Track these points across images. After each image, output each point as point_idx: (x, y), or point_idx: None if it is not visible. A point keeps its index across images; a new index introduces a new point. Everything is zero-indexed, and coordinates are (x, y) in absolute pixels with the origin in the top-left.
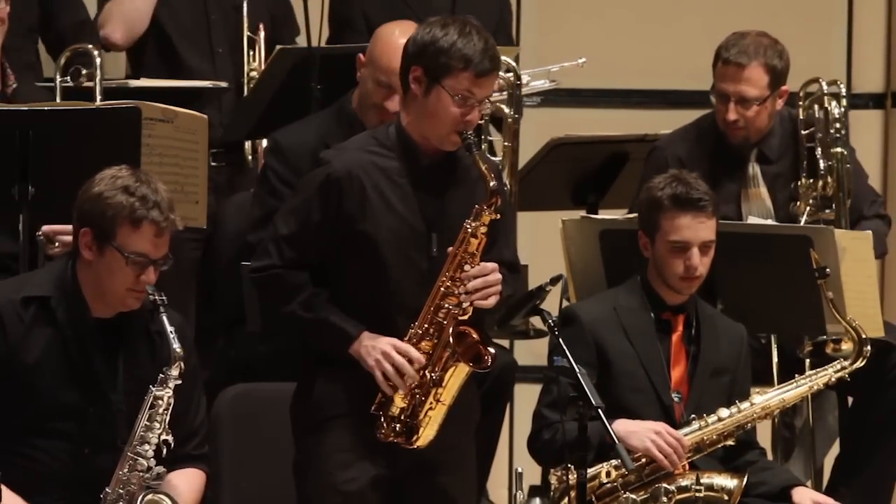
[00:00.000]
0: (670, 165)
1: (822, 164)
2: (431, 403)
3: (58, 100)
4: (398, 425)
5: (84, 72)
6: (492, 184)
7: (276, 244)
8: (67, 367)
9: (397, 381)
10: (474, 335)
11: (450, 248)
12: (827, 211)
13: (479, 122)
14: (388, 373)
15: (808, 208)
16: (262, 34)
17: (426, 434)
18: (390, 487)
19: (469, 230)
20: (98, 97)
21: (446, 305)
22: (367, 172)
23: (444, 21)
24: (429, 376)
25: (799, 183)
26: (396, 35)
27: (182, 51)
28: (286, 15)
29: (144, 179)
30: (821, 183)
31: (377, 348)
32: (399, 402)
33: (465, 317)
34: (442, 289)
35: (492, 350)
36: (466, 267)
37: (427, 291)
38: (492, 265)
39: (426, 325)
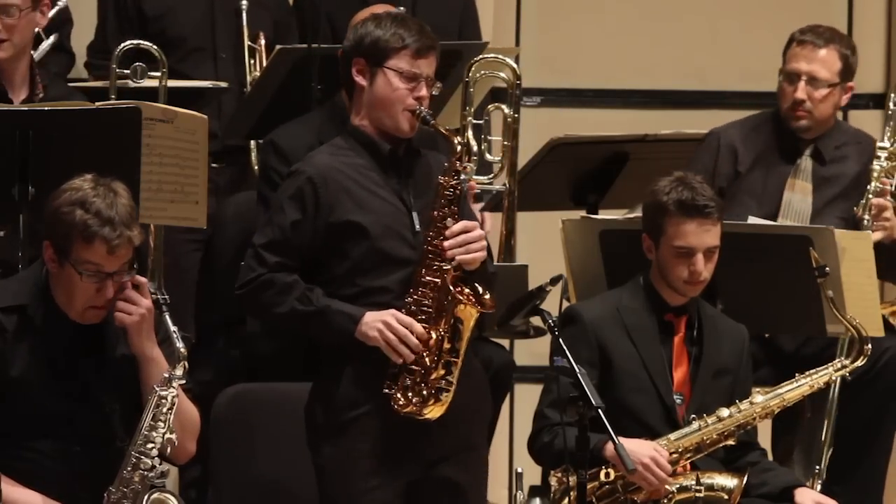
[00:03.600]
0: (722, 149)
1: None
2: (444, 360)
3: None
4: (412, 394)
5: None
6: (456, 139)
7: (256, 255)
8: (52, 373)
9: (401, 348)
10: (466, 289)
11: (430, 212)
12: None
13: (479, 121)
14: (391, 341)
15: (892, 169)
16: (262, 42)
17: (443, 399)
18: (411, 487)
19: (442, 183)
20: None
21: (436, 265)
22: (339, 171)
23: (375, 15)
24: (434, 336)
25: (887, 144)
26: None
27: (185, 54)
28: (288, 24)
29: (103, 193)
30: None
31: (378, 321)
32: (408, 371)
33: (457, 272)
34: (429, 249)
35: (482, 290)
36: (448, 222)
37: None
38: (474, 223)
39: (420, 289)
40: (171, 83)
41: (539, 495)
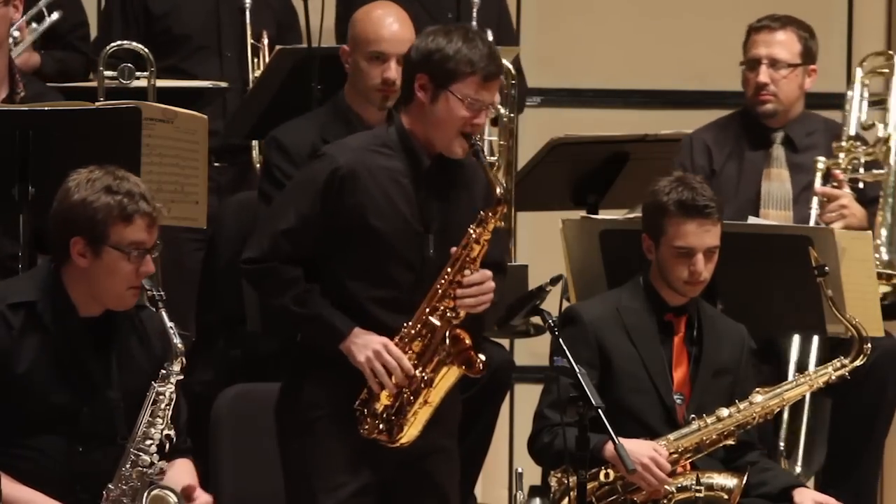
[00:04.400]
0: (695, 146)
1: (881, 129)
2: (420, 404)
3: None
4: (381, 423)
5: None
6: (499, 191)
7: (272, 238)
8: (60, 370)
9: (385, 380)
10: (467, 340)
11: (453, 249)
12: (874, 171)
13: None
14: (377, 371)
15: (848, 165)
16: (265, 41)
17: (410, 433)
18: (381, 487)
19: (473, 236)
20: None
21: (441, 307)
22: (370, 170)
23: (447, 29)
24: (419, 376)
25: (843, 143)
26: (378, 10)
27: (190, 52)
28: (292, 24)
29: (121, 175)
30: (873, 149)
31: (369, 346)
32: (384, 399)
33: (458, 321)
34: (440, 290)
35: (482, 357)
36: (466, 272)
37: (418, 291)
38: (488, 273)
39: (419, 326)
40: (171, 83)
41: (539, 495)
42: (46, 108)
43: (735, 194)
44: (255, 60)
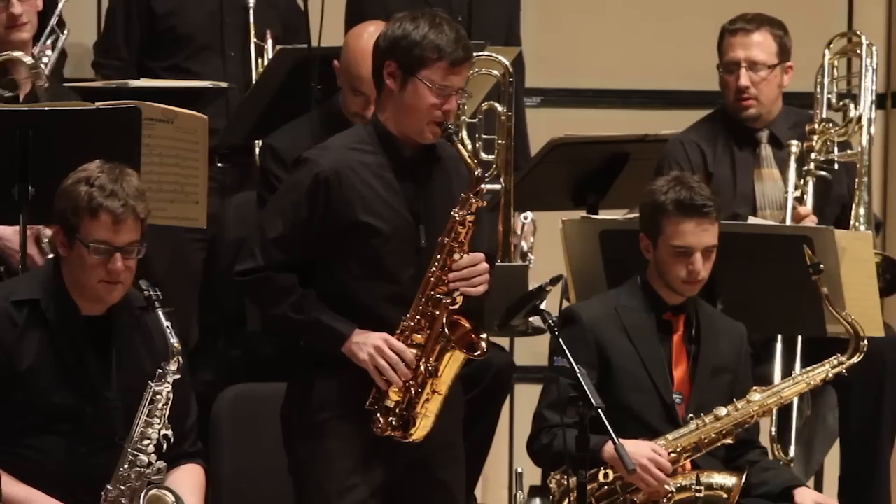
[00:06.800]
0: (688, 147)
1: (853, 109)
2: (428, 395)
3: None
4: (394, 419)
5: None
6: (476, 171)
7: (262, 247)
8: (61, 368)
9: (391, 375)
10: (466, 324)
11: (440, 238)
12: (849, 151)
13: (472, 120)
14: (381, 367)
15: (822, 146)
16: (269, 42)
17: (423, 426)
18: (390, 488)
19: (457, 219)
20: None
21: (437, 296)
22: (353, 170)
23: (414, 14)
24: (423, 368)
25: (815, 125)
26: (364, 39)
27: (194, 52)
28: (297, 27)
29: (108, 170)
30: (845, 129)
31: (369, 343)
32: (394, 395)
33: (456, 306)
34: (432, 279)
35: (484, 336)
36: (455, 256)
37: (417, 283)
38: (480, 255)
39: (418, 317)
40: (170, 84)
41: (539, 495)
42: (46, 108)
43: (733, 194)
44: (259, 60)
